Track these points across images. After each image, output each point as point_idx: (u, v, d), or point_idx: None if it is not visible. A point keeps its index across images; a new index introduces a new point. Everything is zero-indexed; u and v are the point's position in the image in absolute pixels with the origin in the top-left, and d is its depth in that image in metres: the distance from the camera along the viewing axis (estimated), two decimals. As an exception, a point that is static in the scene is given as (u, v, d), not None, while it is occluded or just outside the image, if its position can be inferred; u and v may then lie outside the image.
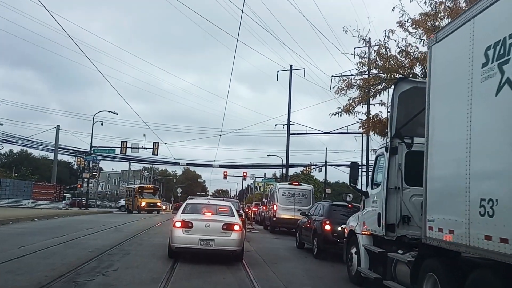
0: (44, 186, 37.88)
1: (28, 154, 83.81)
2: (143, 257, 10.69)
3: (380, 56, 13.61)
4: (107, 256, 10.52)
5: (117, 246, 12.44)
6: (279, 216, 21.40)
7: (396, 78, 14.14)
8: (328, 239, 12.45)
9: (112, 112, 40.75)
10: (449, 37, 5.78)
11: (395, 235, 7.65)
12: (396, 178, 7.77)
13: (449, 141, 5.52)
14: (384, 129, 15.33)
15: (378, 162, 8.69)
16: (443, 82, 5.87)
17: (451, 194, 5.35)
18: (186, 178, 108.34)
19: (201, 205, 11.75)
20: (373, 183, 8.76)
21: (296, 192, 21.73)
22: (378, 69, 14.07)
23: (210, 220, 10.39)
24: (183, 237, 10.15)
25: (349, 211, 13.12)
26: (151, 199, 41.34)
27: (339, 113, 15.52)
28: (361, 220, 8.99)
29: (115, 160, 49.16)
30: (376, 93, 14.56)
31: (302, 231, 15.04)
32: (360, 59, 14.28)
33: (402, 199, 7.68)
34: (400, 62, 13.60)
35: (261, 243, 16.36)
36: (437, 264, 5.81)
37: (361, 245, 8.75)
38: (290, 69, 37.48)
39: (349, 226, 9.74)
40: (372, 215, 8.37)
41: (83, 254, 10.56)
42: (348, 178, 9.06)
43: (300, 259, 12.51)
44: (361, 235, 8.85)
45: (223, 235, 10.18)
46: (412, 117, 7.70)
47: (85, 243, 12.70)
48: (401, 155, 7.82)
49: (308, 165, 54.96)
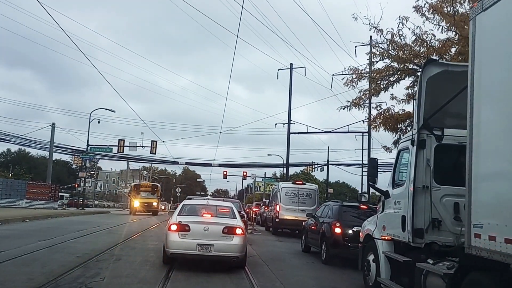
0: (39, 186, 36.78)
1: (26, 153, 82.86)
2: (134, 264, 9.63)
3: (395, 44, 12.54)
4: (95, 263, 9.47)
5: (108, 250, 11.38)
6: (282, 217, 20.33)
7: (409, 69, 13.18)
8: (338, 243, 11.40)
9: (109, 110, 39.76)
10: (501, 3, 4.73)
11: (423, 241, 6.62)
12: (424, 175, 6.74)
13: (505, 126, 4.45)
14: (396, 125, 14.31)
15: (401, 158, 7.65)
16: (492, 56, 4.82)
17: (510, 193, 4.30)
18: (185, 177, 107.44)
19: (200, 206, 10.69)
20: (395, 181, 7.72)
21: (300, 191, 20.66)
22: (391, 59, 13.00)
23: (210, 222, 9.35)
24: (179, 242, 9.09)
25: (360, 212, 12.16)
26: (147, 199, 36.49)
27: (348, 106, 14.50)
28: (380, 224, 7.94)
29: (112, 159, 48.08)
30: (388, 85, 13.50)
31: (309, 234, 13.98)
32: (372, 48, 13.15)
33: (431, 200, 6.64)
34: (415, 51, 12.54)
35: (264, 246, 15.31)
36: (486, 280, 4.76)
37: (381, 252, 7.70)
38: (290, 68, 36.72)
39: (365, 230, 8.68)
40: (394, 218, 7.33)
41: (68, 260, 9.50)
42: (366, 175, 7.98)
43: (307, 265, 11.45)
44: (381, 240, 7.80)
45: (224, 240, 9.13)
46: (443, 105, 6.65)
47: (73, 247, 11.63)
48: (430, 149, 6.79)
49: (309, 164, 53.99)
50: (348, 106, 14.52)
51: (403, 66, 13.03)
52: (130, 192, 39.41)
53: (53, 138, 38.34)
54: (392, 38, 12.66)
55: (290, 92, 36.87)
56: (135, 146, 40.17)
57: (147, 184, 41.31)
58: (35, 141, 40.77)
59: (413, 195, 6.65)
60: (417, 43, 12.44)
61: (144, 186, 39.50)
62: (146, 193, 37.23)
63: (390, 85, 13.47)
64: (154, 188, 38.81)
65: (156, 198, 37.48)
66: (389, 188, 7.84)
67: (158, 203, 38.48)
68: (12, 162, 74.32)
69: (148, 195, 37.00)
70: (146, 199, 36.48)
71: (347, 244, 11.25)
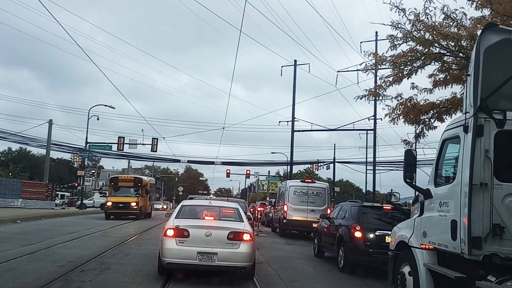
0: (35, 185, 35.47)
1: (27, 152, 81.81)
2: (125, 274, 8.27)
3: (421, 24, 11.09)
4: (79, 273, 8.12)
5: (97, 257, 10.04)
6: (290, 217, 18.92)
7: (436, 53, 11.75)
8: (358, 249, 10.01)
9: (108, 106, 38.40)
10: None
11: (481, 253, 5.23)
12: (482, 170, 5.34)
13: None
14: (418, 116, 12.88)
15: (446, 149, 6.26)
16: None
17: None
18: (188, 176, 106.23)
19: (201, 207, 9.32)
20: (439, 178, 6.33)
21: (309, 190, 19.22)
22: (415, 41, 11.55)
23: (212, 227, 7.99)
24: (177, 250, 7.73)
25: (382, 213, 10.79)
26: (123, 197, 26.06)
27: (365, 96, 13.05)
28: (419, 229, 6.54)
29: (112, 157, 46.67)
30: (412, 71, 12.05)
31: (322, 237, 12.59)
32: (393, 29, 11.67)
33: (492, 201, 5.26)
34: (444, 32, 11.10)
35: (272, 250, 13.92)
36: None
37: (421, 264, 6.31)
38: (294, 64, 35.60)
39: (398, 236, 7.29)
40: (440, 223, 5.94)
41: (48, 271, 8.16)
42: (403, 171, 6.59)
43: (324, 275, 10.06)
44: (420, 249, 6.41)
45: (229, 247, 7.77)
46: (506, 80, 5.26)
47: (58, 254, 10.30)
48: (489, 136, 5.39)
49: (314, 162, 52.70)
50: (365, 95, 13.09)
51: (428, 50, 11.60)
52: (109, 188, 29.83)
53: (50, 135, 37.14)
54: (417, 17, 11.21)
55: (294, 89, 35.74)
56: (135, 144, 38.85)
57: (127, 177, 29.88)
58: (33, 138, 39.66)
59: (469, 194, 5.26)
60: (446, 23, 10.99)
61: (123, 179, 28.64)
62: (126, 189, 27.12)
63: (413, 72, 12.02)
64: (137, 183, 27.88)
65: (137, 197, 26.61)
66: (430, 187, 6.44)
67: (145, 202, 28.21)
68: (13, 161, 73.24)
69: (127, 192, 26.78)
70: (122, 197, 26.06)
71: (368, 250, 9.88)
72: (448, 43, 11.36)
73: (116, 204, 25.46)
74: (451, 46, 11.45)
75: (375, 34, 30.17)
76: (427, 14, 11.10)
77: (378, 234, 9.93)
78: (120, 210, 25.45)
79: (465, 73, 12.05)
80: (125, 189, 27.08)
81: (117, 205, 25.43)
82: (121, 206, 25.40)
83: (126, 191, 26.86)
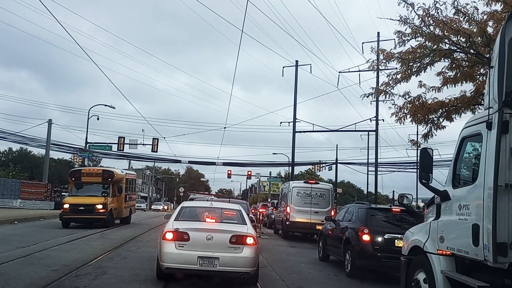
0: (34, 185, 35.06)
1: (27, 152, 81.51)
2: (122, 279, 7.85)
3: (430, 19, 10.67)
4: (73, 278, 7.71)
5: (93, 261, 9.62)
6: (293, 219, 18.46)
7: (445, 50, 11.32)
8: (366, 253, 9.58)
9: (108, 106, 37.94)
10: None
11: (507, 260, 4.80)
12: (508, 170, 4.92)
13: None
14: (427, 115, 12.45)
15: (465, 147, 5.83)
16: None
17: None
18: (189, 177, 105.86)
19: (202, 209, 8.89)
20: (457, 179, 5.90)
21: (312, 191, 18.78)
22: (424, 37, 11.13)
23: (214, 230, 7.56)
24: (176, 254, 7.31)
25: (390, 216, 10.37)
26: (87, 197, 19.39)
27: (372, 94, 12.66)
28: (435, 234, 6.10)
29: (112, 157, 46.07)
30: (421, 68, 11.63)
31: (328, 240, 12.15)
32: (400, 25, 11.24)
33: None
34: (454, 27, 10.68)
35: (275, 253, 13.48)
36: None
37: (438, 270, 5.87)
38: (296, 65, 35.43)
39: (411, 241, 6.84)
40: (459, 227, 5.51)
41: (40, 275, 7.75)
42: (418, 172, 6.16)
43: (331, 280, 9.62)
44: (437, 255, 5.97)
45: (232, 251, 7.34)
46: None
47: (53, 257, 9.88)
48: (515, 133, 4.96)
49: (316, 163, 52.23)
50: (372, 93, 12.68)
51: (437, 46, 11.18)
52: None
53: (49, 135, 36.73)
54: (427, 12, 10.80)
55: (295, 90, 35.56)
56: (135, 144, 38.44)
57: (92, 170, 22.00)
58: (32, 138, 39.26)
59: (494, 196, 4.83)
60: (457, 18, 10.58)
61: (88, 173, 21.10)
62: (92, 187, 20.17)
63: (422, 68, 11.60)
64: (106, 178, 20.51)
65: (104, 196, 19.39)
66: (447, 188, 6.00)
67: (120, 204, 21.18)
68: (14, 161, 72.89)
69: (92, 191, 19.87)
70: (85, 197, 19.39)
71: (376, 254, 9.45)
72: (458, 39, 10.96)
73: (75, 207, 18.52)
74: (461, 42, 11.05)
75: (377, 35, 30.03)
76: (437, 9, 10.72)
77: (387, 238, 9.51)
78: (81, 215, 18.54)
79: (477, 70, 11.73)
80: (91, 186, 20.20)
81: (76, 208, 18.49)
82: (82, 210, 18.54)
83: (91, 189, 20.00)
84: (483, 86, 10.97)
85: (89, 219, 18.78)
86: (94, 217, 18.79)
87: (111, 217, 19.94)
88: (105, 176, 20.62)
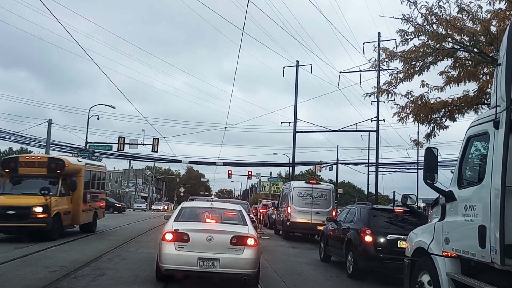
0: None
1: (28, 152, 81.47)
2: (121, 281, 7.73)
3: (434, 17, 10.55)
4: (71, 279, 7.59)
5: (92, 262, 9.49)
6: (294, 220, 18.33)
7: (449, 49, 11.20)
8: (369, 254, 9.45)
9: (109, 106, 37.79)
10: None
11: (515, 263, 4.67)
12: None
13: None
14: (430, 115, 12.32)
15: (471, 147, 5.71)
16: None
17: None
18: (189, 177, 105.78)
19: (202, 209, 8.77)
20: (463, 179, 5.78)
21: (313, 192, 18.64)
22: (427, 36, 11.00)
23: (214, 231, 7.44)
24: (175, 255, 7.19)
25: (393, 216, 10.25)
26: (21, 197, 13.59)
27: (374, 93, 12.53)
28: (440, 235, 5.98)
29: (113, 157, 45.87)
30: (424, 68, 11.50)
31: (329, 241, 12.03)
32: (403, 23, 11.10)
33: None
34: (458, 26, 10.55)
35: (276, 254, 13.35)
36: None
37: (443, 273, 5.75)
38: (296, 65, 35.32)
39: (415, 242, 6.72)
40: (465, 228, 5.39)
41: (38, 277, 7.63)
42: (423, 171, 6.04)
43: (333, 281, 9.49)
44: (442, 257, 5.85)
45: (232, 253, 7.22)
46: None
47: (51, 258, 9.76)
48: (523, 133, 4.84)
49: (317, 163, 52.10)
50: (374, 93, 12.56)
51: (441, 45, 11.05)
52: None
53: (49, 134, 36.50)
54: (430, 10, 10.67)
55: (296, 90, 35.44)
56: (135, 144, 38.29)
57: (34, 158, 15.46)
58: (32, 138, 39.08)
59: (502, 197, 4.71)
60: (460, 16, 10.45)
61: (28, 162, 14.81)
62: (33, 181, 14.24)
63: (425, 67, 11.47)
64: (54, 169, 14.62)
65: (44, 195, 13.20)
66: (453, 188, 5.88)
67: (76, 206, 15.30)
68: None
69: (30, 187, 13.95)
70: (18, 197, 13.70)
71: (379, 256, 9.32)
72: (462, 38, 10.82)
73: (3, 211, 12.78)
74: (465, 41, 10.92)
75: (378, 35, 29.92)
76: (441, 7, 10.60)
77: (390, 239, 9.38)
78: (9, 223, 12.81)
79: (480, 69, 11.59)
80: (32, 180, 14.35)
81: (3, 213, 12.75)
82: (12, 215, 12.81)
83: (32, 184, 14.09)
84: (487, 86, 10.85)
85: (22, 228, 13.10)
86: (29, 225, 12.91)
87: (58, 225, 13.88)
88: (51, 167, 14.58)
